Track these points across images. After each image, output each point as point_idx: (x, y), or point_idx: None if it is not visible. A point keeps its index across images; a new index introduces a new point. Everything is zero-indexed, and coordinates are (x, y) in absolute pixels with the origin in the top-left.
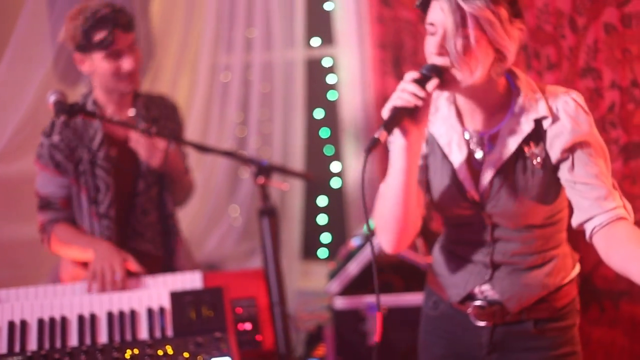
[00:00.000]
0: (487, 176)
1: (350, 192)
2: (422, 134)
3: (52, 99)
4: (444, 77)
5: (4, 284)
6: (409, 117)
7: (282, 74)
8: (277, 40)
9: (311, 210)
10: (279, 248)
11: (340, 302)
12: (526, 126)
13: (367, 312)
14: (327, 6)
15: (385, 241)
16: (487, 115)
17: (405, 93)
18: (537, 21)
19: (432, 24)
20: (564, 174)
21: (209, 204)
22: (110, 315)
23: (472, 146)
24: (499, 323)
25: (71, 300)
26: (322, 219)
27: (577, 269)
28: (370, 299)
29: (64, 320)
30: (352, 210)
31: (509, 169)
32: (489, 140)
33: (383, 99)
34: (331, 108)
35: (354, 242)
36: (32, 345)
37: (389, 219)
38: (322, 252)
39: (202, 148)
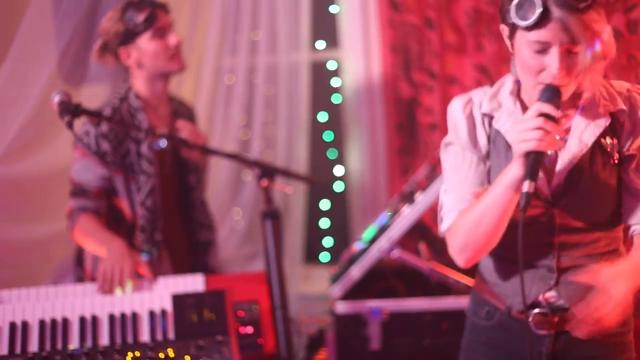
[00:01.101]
0: (562, 172)
1: (352, 196)
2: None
3: (56, 99)
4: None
5: (10, 284)
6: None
7: (286, 77)
8: (281, 43)
9: (314, 213)
10: (281, 251)
11: (342, 307)
12: (603, 120)
13: (369, 316)
14: (332, 9)
15: (463, 259)
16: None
17: (548, 136)
18: None
19: (544, 42)
20: (625, 170)
21: (211, 207)
22: (111, 317)
23: None
24: (562, 331)
25: (73, 301)
26: (324, 223)
27: None
28: (372, 303)
29: (65, 321)
30: (355, 215)
31: (585, 164)
32: (565, 133)
33: (394, 102)
34: (335, 111)
35: (357, 246)
36: (33, 346)
37: (477, 240)
38: (325, 256)
39: (206, 150)
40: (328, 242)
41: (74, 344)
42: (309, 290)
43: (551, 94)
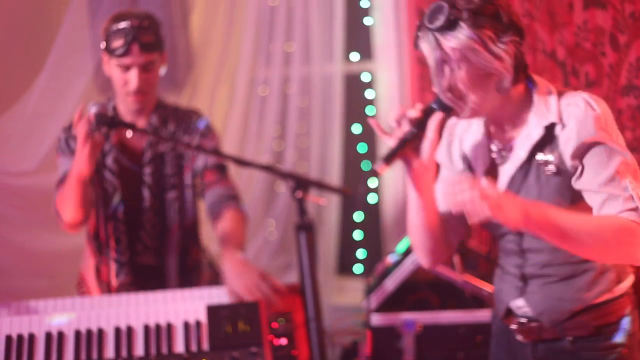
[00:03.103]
0: (501, 186)
1: (386, 208)
2: (428, 168)
3: (92, 110)
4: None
5: (43, 294)
6: (411, 149)
7: (320, 88)
8: (315, 55)
9: (347, 225)
10: (315, 263)
11: (377, 319)
12: (535, 133)
13: (403, 329)
14: (366, 21)
15: (420, 258)
16: (508, 126)
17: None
18: (576, 38)
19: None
20: (574, 181)
21: None
22: (146, 328)
23: (496, 158)
24: (538, 340)
25: (108, 312)
26: (358, 235)
27: (625, 286)
28: (406, 315)
29: (100, 332)
30: (388, 227)
31: (522, 178)
32: (509, 151)
33: None
34: (369, 123)
35: (391, 258)
36: (69, 356)
37: (418, 241)
38: (358, 268)
39: (239, 162)
40: (361, 254)
41: (109, 355)
42: (343, 302)
43: (434, 102)
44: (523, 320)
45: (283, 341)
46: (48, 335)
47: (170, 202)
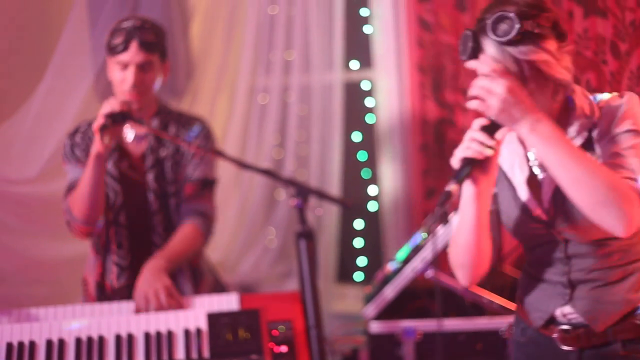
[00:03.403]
0: (547, 193)
1: (386, 215)
2: (492, 181)
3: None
4: None
5: (44, 301)
6: (479, 166)
7: (320, 97)
8: (315, 63)
9: (347, 233)
10: (315, 271)
11: (376, 326)
12: (578, 139)
13: (403, 336)
14: (366, 29)
15: (461, 276)
16: None
17: (474, 143)
18: (576, 47)
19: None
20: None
21: (244, 226)
22: (147, 336)
23: (534, 166)
24: (586, 347)
25: (109, 319)
26: (358, 242)
27: None
28: (406, 323)
29: (101, 339)
30: (389, 234)
31: None
32: None
33: (422, 122)
34: (369, 131)
35: (391, 266)
36: None
37: (463, 258)
38: (358, 276)
39: (241, 164)
40: (362, 261)
41: None
42: (343, 309)
43: None
44: (567, 327)
45: (283, 349)
46: (49, 343)
47: (173, 208)
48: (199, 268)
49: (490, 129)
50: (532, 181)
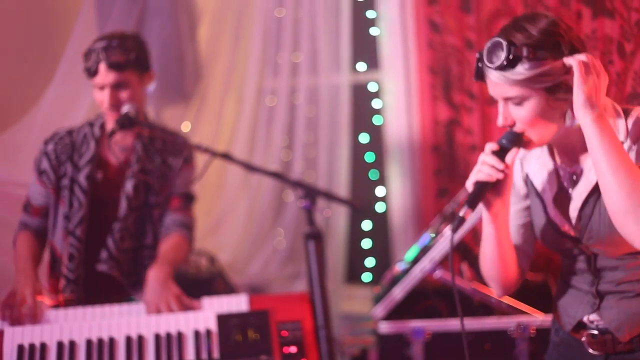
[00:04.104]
0: (574, 209)
1: (394, 216)
2: (507, 203)
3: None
4: (523, 141)
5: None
6: (491, 190)
7: (327, 98)
8: (323, 65)
9: (356, 234)
10: (324, 272)
11: (385, 327)
12: None
13: (412, 336)
14: (373, 31)
15: (493, 288)
16: (577, 150)
17: (485, 166)
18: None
19: (492, 96)
20: None
21: (253, 227)
22: (157, 337)
23: (563, 182)
24: (612, 353)
25: (119, 321)
26: (366, 243)
27: None
28: (415, 323)
29: (112, 341)
30: (396, 235)
31: (594, 200)
32: (579, 174)
33: (433, 123)
34: (376, 133)
35: (399, 266)
36: None
37: (491, 272)
38: (367, 276)
39: (250, 167)
40: (370, 262)
41: None
42: (352, 310)
43: (506, 135)
44: (595, 332)
45: (293, 349)
46: (60, 345)
47: (153, 219)
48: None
49: (500, 153)
50: (561, 197)
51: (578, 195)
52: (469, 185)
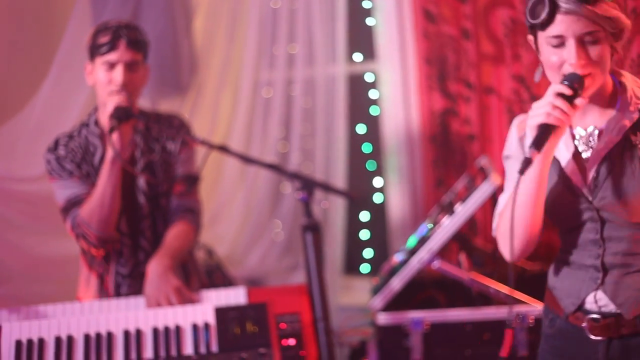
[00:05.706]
0: (591, 166)
1: (392, 207)
2: (555, 145)
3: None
4: (584, 86)
5: (52, 299)
6: (553, 133)
7: (324, 90)
8: (319, 56)
9: (353, 225)
10: (322, 263)
11: (384, 318)
12: (628, 116)
13: (411, 327)
14: (368, 21)
15: (512, 249)
16: (596, 113)
17: (556, 111)
18: None
19: (559, 36)
20: None
21: (251, 220)
22: (155, 331)
23: (580, 143)
24: (615, 337)
25: (117, 315)
26: (364, 234)
27: None
28: (413, 314)
29: (110, 335)
30: (394, 226)
31: (615, 159)
32: (598, 136)
33: (431, 113)
34: (373, 123)
35: (397, 257)
36: None
37: (519, 226)
38: (365, 268)
39: (248, 159)
40: (368, 253)
41: (118, 358)
42: (350, 301)
43: (570, 77)
44: (597, 316)
45: (291, 341)
46: (57, 340)
47: (163, 209)
48: (188, 267)
49: (571, 97)
50: (577, 157)
51: (598, 152)
52: (532, 127)
